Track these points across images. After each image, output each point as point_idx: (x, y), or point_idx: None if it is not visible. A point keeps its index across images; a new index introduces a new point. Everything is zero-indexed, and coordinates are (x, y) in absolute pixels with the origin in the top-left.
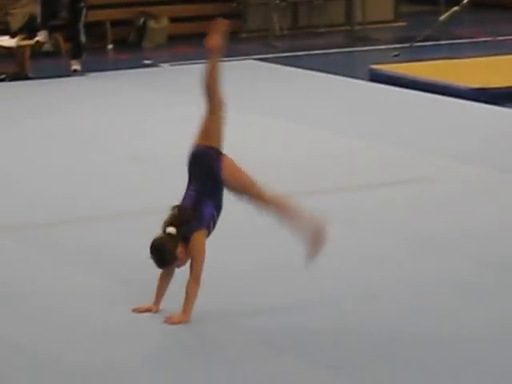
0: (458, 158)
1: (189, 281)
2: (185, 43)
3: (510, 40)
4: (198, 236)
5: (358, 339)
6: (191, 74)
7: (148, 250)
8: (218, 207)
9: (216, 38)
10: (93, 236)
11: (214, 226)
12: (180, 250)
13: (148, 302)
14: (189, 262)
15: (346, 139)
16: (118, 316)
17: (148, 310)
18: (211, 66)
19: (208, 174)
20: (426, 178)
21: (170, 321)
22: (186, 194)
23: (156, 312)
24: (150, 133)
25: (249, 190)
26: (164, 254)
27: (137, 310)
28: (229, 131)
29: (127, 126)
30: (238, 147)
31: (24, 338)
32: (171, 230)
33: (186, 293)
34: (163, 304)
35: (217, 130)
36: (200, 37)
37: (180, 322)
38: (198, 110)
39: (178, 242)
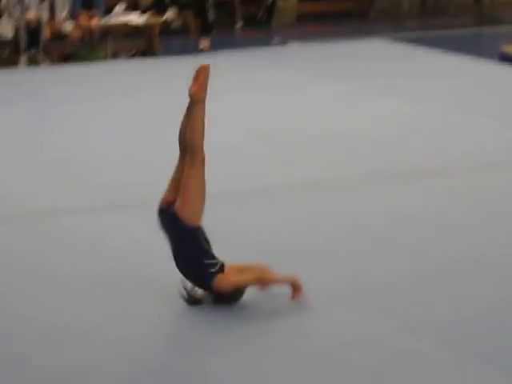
0: None
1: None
2: (313, 22)
3: None
4: (220, 280)
5: None
6: (319, 52)
7: None
8: (206, 239)
9: (197, 86)
10: (223, 214)
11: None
12: (223, 283)
13: None
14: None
15: (476, 120)
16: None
17: None
18: (190, 116)
19: (177, 233)
20: None
21: None
22: (178, 256)
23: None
24: (277, 110)
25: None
26: (229, 299)
27: None
28: (358, 110)
29: (255, 104)
30: (367, 127)
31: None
32: (199, 294)
33: None
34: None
35: (187, 183)
36: (328, 16)
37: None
38: (325, 88)
39: (213, 290)
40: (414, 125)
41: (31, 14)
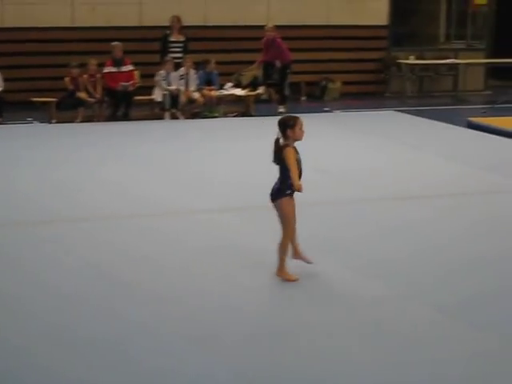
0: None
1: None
2: (351, 98)
3: None
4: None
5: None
6: (354, 117)
7: None
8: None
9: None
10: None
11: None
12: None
13: None
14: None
15: (449, 163)
16: None
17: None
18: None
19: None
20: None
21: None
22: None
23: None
24: (329, 154)
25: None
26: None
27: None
28: (380, 155)
29: (313, 148)
30: (388, 165)
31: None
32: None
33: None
34: None
35: None
36: (359, 94)
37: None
38: (358, 140)
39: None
40: (414, 163)
41: (173, 86)
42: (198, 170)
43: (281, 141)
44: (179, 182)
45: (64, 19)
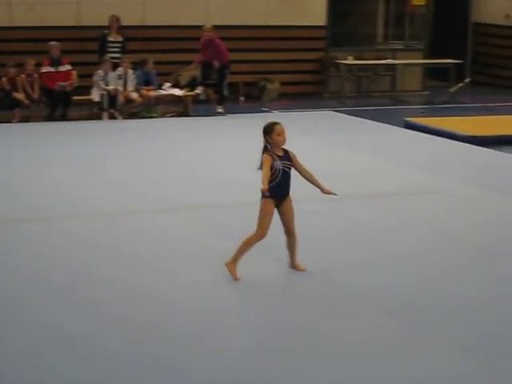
0: (455, 178)
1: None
2: (289, 98)
3: (496, 106)
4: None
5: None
6: (293, 117)
7: None
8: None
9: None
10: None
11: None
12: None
13: None
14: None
15: (386, 164)
16: None
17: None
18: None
19: None
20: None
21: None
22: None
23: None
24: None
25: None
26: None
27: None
28: (319, 154)
29: (251, 148)
30: (327, 166)
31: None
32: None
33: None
34: None
35: None
36: (298, 95)
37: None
38: (299, 140)
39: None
40: (351, 163)
41: (111, 86)
42: (138, 170)
43: (268, 147)
44: (119, 183)
45: (1, 19)
